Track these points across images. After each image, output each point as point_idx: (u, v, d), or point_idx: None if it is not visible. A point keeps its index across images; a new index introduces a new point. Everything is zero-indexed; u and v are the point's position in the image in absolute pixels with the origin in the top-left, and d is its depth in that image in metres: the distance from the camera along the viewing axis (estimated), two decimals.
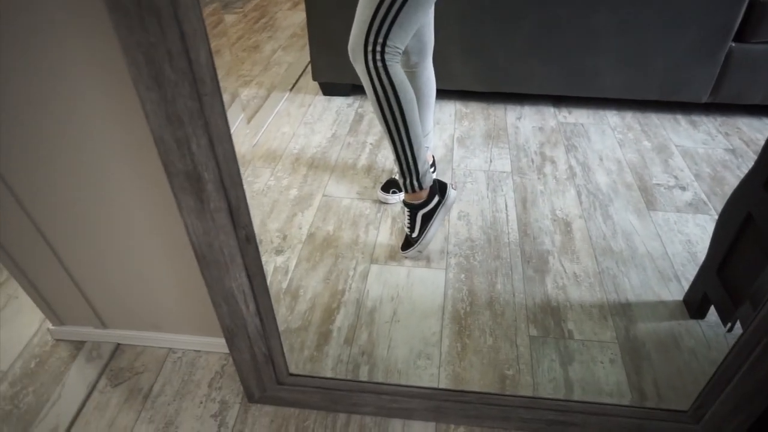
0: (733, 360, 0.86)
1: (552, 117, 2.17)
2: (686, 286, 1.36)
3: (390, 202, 1.66)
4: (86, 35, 0.71)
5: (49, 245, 1.01)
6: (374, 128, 2.09)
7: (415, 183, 1.37)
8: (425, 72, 1.47)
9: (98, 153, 0.85)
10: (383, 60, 1.19)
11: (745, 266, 1.09)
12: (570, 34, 1.99)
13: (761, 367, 0.84)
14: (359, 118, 2.16)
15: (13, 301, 1.37)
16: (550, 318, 1.29)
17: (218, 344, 1.18)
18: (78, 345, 1.22)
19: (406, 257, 1.46)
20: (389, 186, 1.68)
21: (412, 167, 1.34)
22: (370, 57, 1.19)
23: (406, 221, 1.44)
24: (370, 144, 1.99)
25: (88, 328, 1.19)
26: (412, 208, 1.42)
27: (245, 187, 0.75)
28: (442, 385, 1.13)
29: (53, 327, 1.21)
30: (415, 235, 1.43)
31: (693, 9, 1.88)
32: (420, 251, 1.45)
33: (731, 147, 1.96)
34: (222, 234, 0.79)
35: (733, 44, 1.96)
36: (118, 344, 1.21)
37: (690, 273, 1.40)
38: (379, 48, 1.18)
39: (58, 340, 1.23)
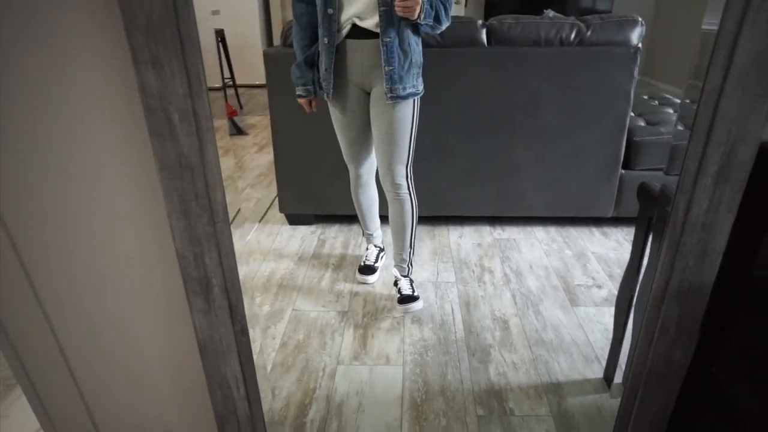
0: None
1: (488, 234, 2.54)
2: (605, 365, 1.61)
3: (369, 282, 2.12)
4: (135, 183, 0.99)
5: (63, 355, 1.19)
6: (336, 250, 2.38)
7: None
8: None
9: (129, 273, 1.08)
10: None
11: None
12: (498, 166, 2.42)
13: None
14: (321, 243, 2.46)
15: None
16: (494, 399, 1.50)
17: None
18: None
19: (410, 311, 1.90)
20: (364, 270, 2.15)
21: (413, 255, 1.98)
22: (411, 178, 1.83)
23: (410, 289, 1.94)
24: (333, 264, 2.27)
25: None
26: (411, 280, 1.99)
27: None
28: None
29: None
30: (417, 293, 1.93)
31: (590, 145, 2.36)
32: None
33: None
34: (222, 327, 1.02)
35: (623, 171, 2.43)
36: None
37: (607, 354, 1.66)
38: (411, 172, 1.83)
39: None
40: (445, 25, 1.63)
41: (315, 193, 2.54)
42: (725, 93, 0.82)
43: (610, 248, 2.38)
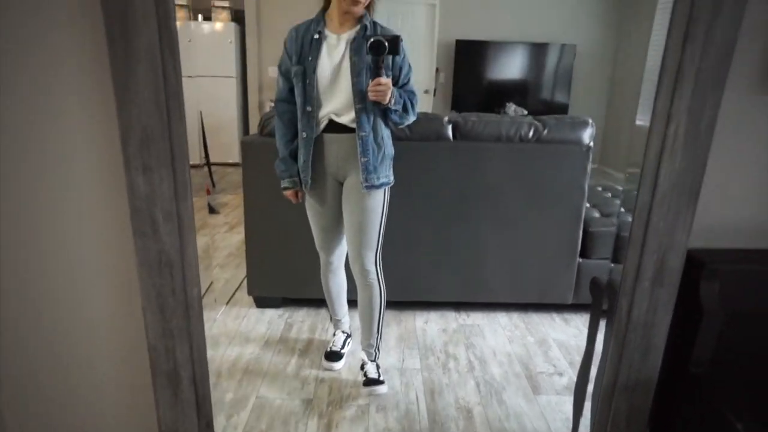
0: None
1: (454, 320, 2.59)
2: None
3: (335, 369, 2.12)
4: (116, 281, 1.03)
5: None
6: (303, 335, 2.38)
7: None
8: None
9: (97, 364, 1.09)
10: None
11: None
12: (462, 253, 2.52)
13: None
14: (288, 327, 2.46)
15: None
16: None
17: None
18: None
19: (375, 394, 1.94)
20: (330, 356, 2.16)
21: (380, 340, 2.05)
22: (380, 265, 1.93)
23: (376, 373, 1.99)
24: (299, 349, 2.26)
25: None
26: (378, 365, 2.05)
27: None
28: None
29: None
30: (382, 378, 1.98)
31: (549, 234, 2.50)
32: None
33: None
34: (187, 421, 1.03)
35: (581, 260, 2.56)
36: None
37: None
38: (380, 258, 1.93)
39: None
40: (412, 118, 1.79)
41: (284, 276, 2.57)
42: (654, 210, 0.94)
43: (570, 335, 2.45)
